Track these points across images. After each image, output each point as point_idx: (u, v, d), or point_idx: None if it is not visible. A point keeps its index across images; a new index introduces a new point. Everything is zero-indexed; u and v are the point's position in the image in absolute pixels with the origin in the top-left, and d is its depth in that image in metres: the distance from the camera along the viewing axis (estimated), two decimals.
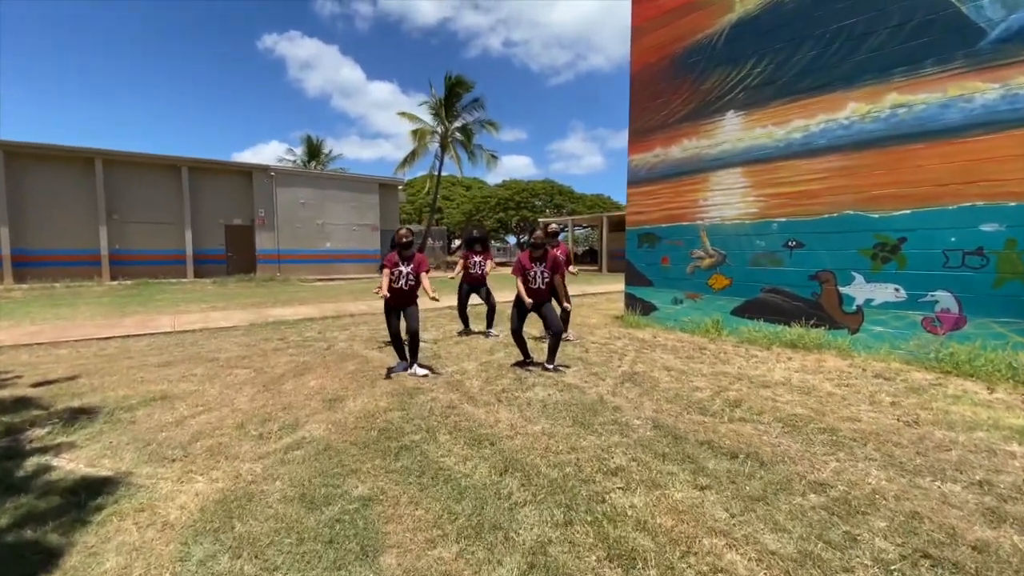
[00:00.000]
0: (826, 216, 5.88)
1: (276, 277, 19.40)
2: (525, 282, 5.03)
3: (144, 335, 7.36)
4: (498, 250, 45.86)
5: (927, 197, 5.16)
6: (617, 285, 17.05)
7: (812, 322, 6.00)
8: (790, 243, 6.21)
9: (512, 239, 48.54)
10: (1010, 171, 4.65)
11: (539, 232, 5.11)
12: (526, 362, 5.18)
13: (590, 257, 38.33)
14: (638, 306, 8.07)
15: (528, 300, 4.89)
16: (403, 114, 27.70)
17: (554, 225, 6.71)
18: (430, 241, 30.03)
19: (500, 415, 3.57)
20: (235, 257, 20.14)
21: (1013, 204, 4.63)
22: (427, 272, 4.92)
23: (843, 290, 5.77)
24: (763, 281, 6.50)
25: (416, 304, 4.94)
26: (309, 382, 4.62)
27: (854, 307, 5.69)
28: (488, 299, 7.10)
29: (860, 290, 5.64)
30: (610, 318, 8.79)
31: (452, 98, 27.42)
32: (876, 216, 5.49)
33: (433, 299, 4.63)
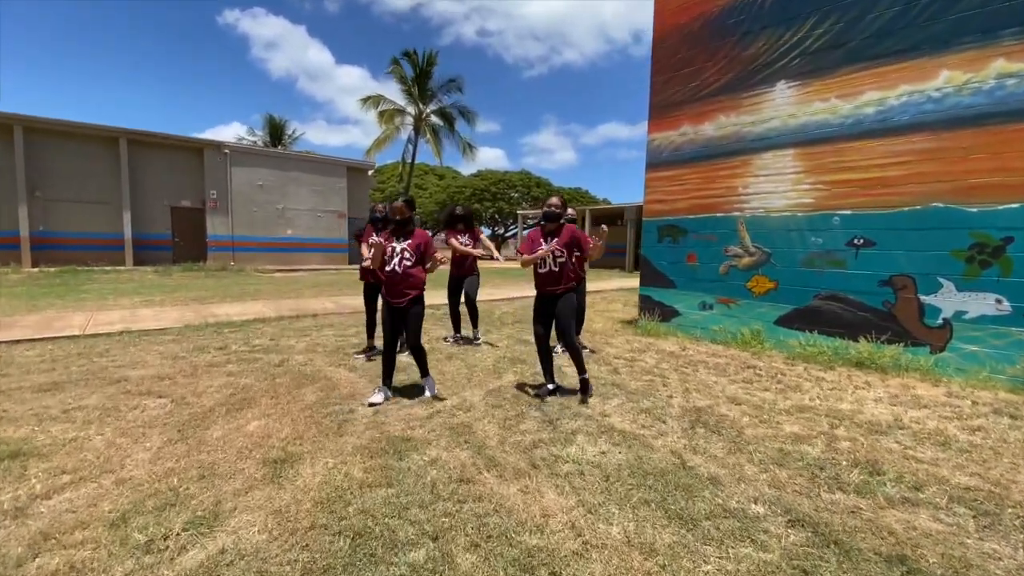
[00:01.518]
0: (906, 209, 4.82)
1: (229, 267, 17.46)
2: (535, 266, 3.87)
3: (41, 340, 5.73)
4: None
5: None
6: (606, 282, 15.98)
7: (884, 337, 4.95)
8: (856, 241, 5.14)
9: (487, 231, 47.04)
10: None
11: (555, 199, 3.89)
12: (548, 388, 3.91)
13: None
14: (656, 310, 6.92)
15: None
16: (368, 99, 25.58)
17: (571, 211, 5.42)
18: None
19: (546, 499, 2.29)
20: (182, 243, 18.05)
21: None
22: (432, 256, 3.77)
23: (925, 299, 4.74)
24: (818, 286, 5.43)
25: (422, 304, 3.76)
26: (248, 424, 3.22)
27: (939, 320, 4.67)
28: (469, 292, 5.81)
29: (949, 300, 4.61)
30: (617, 322, 7.62)
31: (425, 78, 25.68)
32: (973, 210, 4.46)
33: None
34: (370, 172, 24.35)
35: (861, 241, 5.11)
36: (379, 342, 5.49)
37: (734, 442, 3.01)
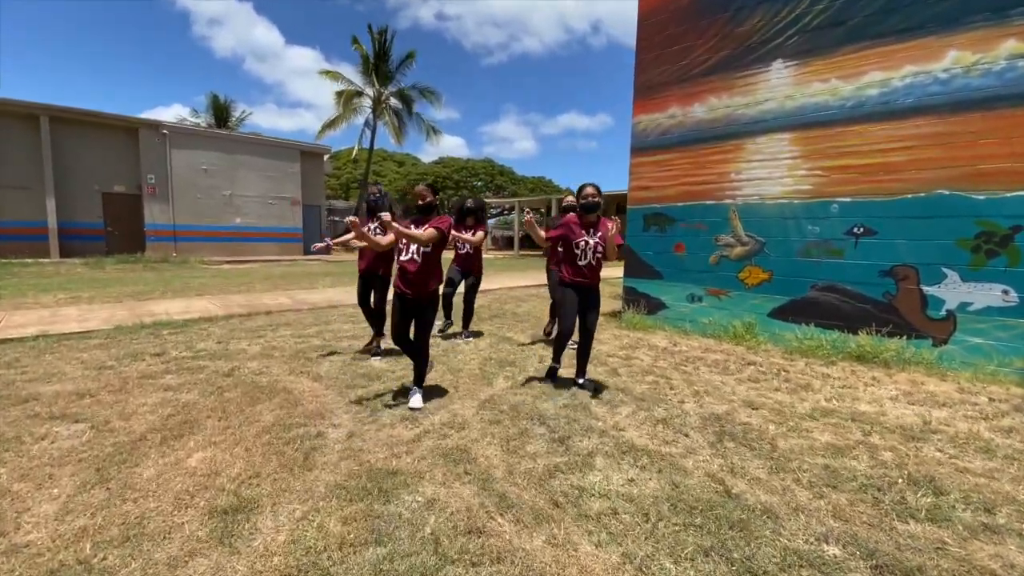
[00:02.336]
0: (909, 196, 4.62)
1: (171, 258, 16.07)
2: (570, 256, 3.75)
3: None
4: None
5: None
6: None
7: (886, 330, 4.76)
8: (856, 229, 4.92)
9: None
10: None
11: (590, 188, 3.69)
12: (555, 367, 4.02)
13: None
14: (642, 303, 6.58)
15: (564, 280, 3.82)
16: (327, 73, 24.40)
17: (571, 199, 5.02)
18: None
19: (581, 552, 1.83)
20: (116, 233, 16.49)
21: None
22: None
23: (928, 290, 4.57)
24: (815, 276, 5.20)
25: (438, 302, 3.47)
26: (189, 457, 2.59)
27: (943, 312, 4.50)
28: (470, 293, 5.45)
29: (953, 291, 4.45)
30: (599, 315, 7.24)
31: (383, 58, 24.52)
32: (981, 198, 4.28)
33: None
34: (326, 157, 23.09)
35: (861, 230, 4.89)
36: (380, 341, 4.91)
37: (771, 458, 2.64)
